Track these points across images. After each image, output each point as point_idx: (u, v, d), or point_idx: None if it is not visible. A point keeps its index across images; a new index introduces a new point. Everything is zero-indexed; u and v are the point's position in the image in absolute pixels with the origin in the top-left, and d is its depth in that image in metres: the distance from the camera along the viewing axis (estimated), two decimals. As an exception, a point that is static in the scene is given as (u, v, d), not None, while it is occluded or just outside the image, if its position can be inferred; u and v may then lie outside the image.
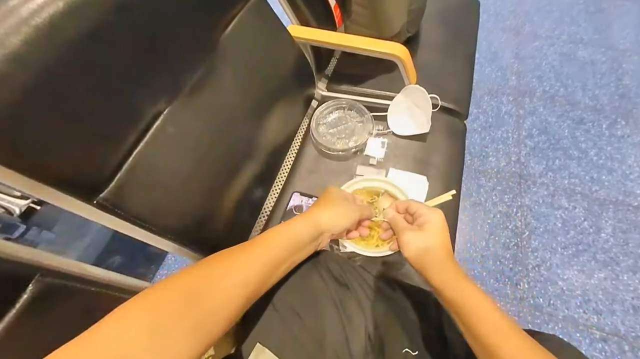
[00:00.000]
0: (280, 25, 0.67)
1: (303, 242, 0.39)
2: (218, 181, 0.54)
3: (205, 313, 0.29)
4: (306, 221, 0.40)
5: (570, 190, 1.16)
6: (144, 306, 0.28)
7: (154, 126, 0.43)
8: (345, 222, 0.44)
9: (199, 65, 0.50)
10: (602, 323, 0.93)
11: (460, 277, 0.36)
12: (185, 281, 0.31)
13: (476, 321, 0.33)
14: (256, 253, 0.35)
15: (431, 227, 0.39)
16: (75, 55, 0.33)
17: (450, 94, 0.83)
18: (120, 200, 0.39)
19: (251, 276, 0.33)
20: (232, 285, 0.32)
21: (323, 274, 0.43)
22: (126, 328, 0.26)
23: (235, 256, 0.34)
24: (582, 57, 1.53)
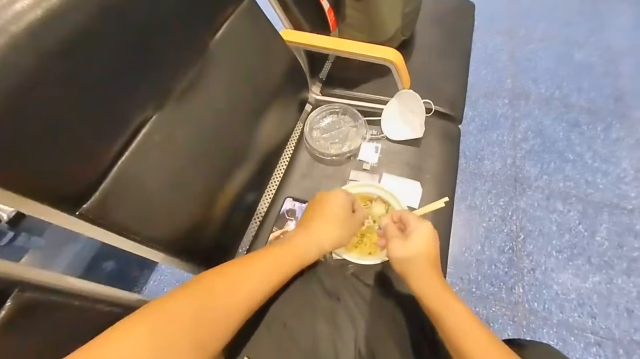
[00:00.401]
0: (273, 30, 0.66)
1: (307, 262, 0.40)
2: (208, 188, 0.53)
3: (210, 329, 0.29)
4: (312, 241, 0.41)
5: (565, 193, 1.16)
6: (148, 320, 0.28)
7: (140, 133, 0.43)
8: (346, 241, 0.45)
9: (188, 71, 0.49)
10: (596, 327, 0.93)
11: (440, 287, 0.37)
12: (191, 298, 0.30)
13: (455, 332, 0.34)
14: (260, 270, 0.35)
15: (417, 237, 0.40)
16: (55, 63, 0.32)
17: (445, 98, 0.82)
18: (105, 211, 0.38)
19: (256, 294, 0.34)
20: (236, 303, 0.32)
21: (314, 287, 0.42)
22: (130, 343, 0.26)
23: (239, 273, 0.34)
24: (577, 59, 1.54)
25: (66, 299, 0.35)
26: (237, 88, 0.58)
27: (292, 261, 0.38)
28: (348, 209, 0.46)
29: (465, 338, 0.33)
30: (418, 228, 0.41)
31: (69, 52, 0.33)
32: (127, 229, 0.41)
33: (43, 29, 0.31)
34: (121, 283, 1.04)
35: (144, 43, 0.42)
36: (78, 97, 0.35)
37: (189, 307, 0.30)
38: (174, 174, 0.46)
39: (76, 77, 0.34)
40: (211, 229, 0.55)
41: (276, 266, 0.37)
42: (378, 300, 0.49)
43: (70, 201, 0.36)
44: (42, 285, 0.33)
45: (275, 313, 0.38)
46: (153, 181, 0.44)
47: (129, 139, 0.41)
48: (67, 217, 0.36)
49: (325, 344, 0.38)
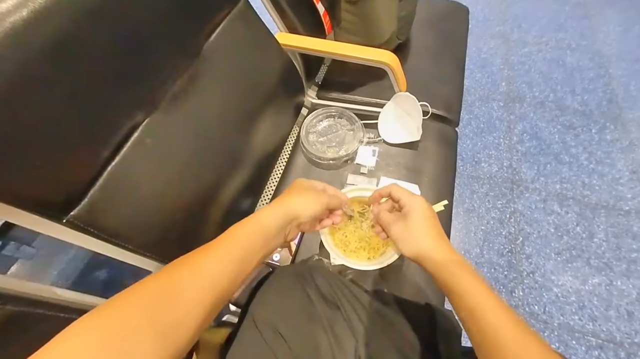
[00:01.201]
0: (267, 33, 0.65)
1: (270, 232, 0.36)
2: (202, 194, 0.52)
3: (171, 321, 0.27)
4: (272, 210, 0.38)
5: (562, 195, 1.16)
6: (101, 319, 0.25)
7: (131, 138, 0.41)
8: (312, 208, 0.41)
9: (180, 75, 0.48)
10: (597, 330, 0.92)
11: (451, 260, 0.37)
12: (148, 289, 0.28)
13: (471, 304, 0.33)
14: (222, 251, 0.32)
15: (415, 213, 0.40)
16: (40, 66, 0.31)
17: (441, 100, 0.82)
18: (94, 218, 0.37)
19: (219, 277, 0.31)
20: (199, 289, 0.29)
21: (311, 293, 0.41)
22: (82, 344, 0.23)
23: (200, 258, 0.31)
24: (570, 63, 1.56)
25: (51, 311, 0.34)
26: (232, 92, 0.57)
27: (252, 236, 0.35)
28: (313, 185, 0.44)
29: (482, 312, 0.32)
30: (413, 204, 0.41)
31: (54, 54, 0.31)
32: (117, 236, 0.39)
33: (28, 30, 0.29)
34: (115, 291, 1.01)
35: (134, 46, 0.41)
36: (64, 102, 0.34)
37: (145, 296, 0.27)
38: (166, 179, 0.45)
39: (62, 80, 0.33)
40: (205, 236, 0.53)
41: (240, 246, 0.34)
42: (378, 307, 0.48)
43: (57, 208, 0.34)
44: (25, 297, 0.32)
45: (270, 322, 0.37)
46: (144, 186, 0.42)
47: (120, 144, 0.40)
48: (53, 225, 0.35)
49: (324, 354, 0.37)
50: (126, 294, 0.28)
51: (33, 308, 0.32)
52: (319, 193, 0.43)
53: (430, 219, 0.40)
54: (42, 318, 0.33)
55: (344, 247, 0.57)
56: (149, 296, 0.27)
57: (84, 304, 0.38)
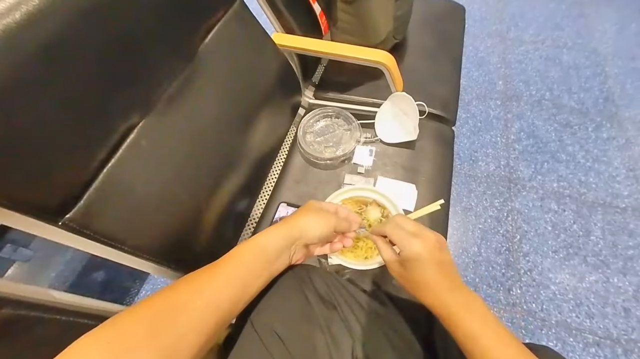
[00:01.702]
0: (264, 33, 0.65)
1: (272, 254, 0.37)
2: (199, 195, 0.52)
3: (172, 340, 0.27)
4: (275, 231, 0.38)
5: (559, 193, 1.17)
6: (106, 336, 0.26)
7: (126, 140, 0.41)
8: (319, 229, 0.41)
9: (176, 76, 0.48)
10: (594, 327, 0.92)
11: (460, 305, 0.34)
12: (151, 307, 0.29)
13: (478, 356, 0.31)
14: (225, 272, 0.33)
15: (410, 264, 0.37)
16: (33, 68, 0.30)
17: (438, 100, 0.82)
18: (90, 220, 0.37)
19: (221, 298, 0.31)
20: (201, 308, 0.30)
21: (308, 295, 0.41)
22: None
23: (203, 277, 0.32)
24: (566, 61, 1.56)
25: (48, 314, 0.34)
26: (228, 93, 0.57)
27: (255, 257, 0.35)
28: (323, 207, 0.43)
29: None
30: (406, 254, 0.37)
31: (47, 57, 0.31)
32: (113, 238, 0.39)
33: (21, 33, 0.29)
34: (113, 294, 1.02)
35: (129, 48, 0.40)
36: (58, 104, 0.33)
37: (147, 316, 0.28)
38: (163, 181, 0.45)
39: (56, 83, 0.33)
40: (202, 237, 0.53)
41: (243, 268, 0.34)
42: (375, 306, 0.48)
43: (52, 210, 0.34)
44: (21, 300, 0.32)
45: (269, 324, 0.37)
46: (140, 188, 0.42)
47: (115, 146, 0.40)
48: (48, 227, 0.35)
49: (321, 355, 0.37)
50: (129, 313, 0.28)
51: (30, 311, 0.32)
52: (328, 215, 0.43)
53: (427, 262, 0.36)
54: (39, 321, 0.33)
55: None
56: (151, 316, 0.28)
57: (81, 306, 0.38)
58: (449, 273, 0.36)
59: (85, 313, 0.38)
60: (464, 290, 0.36)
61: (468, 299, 0.35)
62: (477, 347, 0.31)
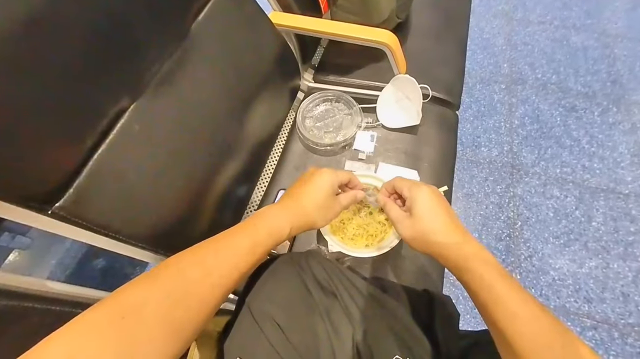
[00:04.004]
0: (260, 12, 0.62)
1: (282, 241, 0.38)
2: (195, 181, 0.50)
3: (182, 320, 0.27)
4: (286, 221, 0.38)
5: (562, 179, 1.15)
6: (114, 309, 0.25)
7: (117, 124, 0.39)
8: (324, 223, 0.43)
9: (167, 57, 0.46)
10: (592, 311, 0.93)
11: (465, 255, 0.34)
12: (162, 283, 0.28)
13: (492, 305, 0.31)
14: (236, 254, 0.33)
15: (419, 210, 0.38)
16: (12, 48, 0.28)
17: (442, 83, 0.79)
18: (81, 209, 0.36)
19: (232, 274, 0.32)
20: (210, 289, 0.30)
21: (308, 283, 0.40)
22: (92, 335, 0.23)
23: (214, 256, 0.32)
24: (574, 43, 1.51)
25: (43, 304, 0.33)
26: (222, 75, 0.55)
27: (266, 241, 0.36)
28: (330, 193, 0.42)
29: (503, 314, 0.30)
30: (415, 198, 0.39)
31: (26, 35, 0.29)
32: (107, 227, 0.38)
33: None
34: (113, 280, 1.02)
35: (116, 26, 0.38)
36: (42, 87, 0.31)
37: (159, 293, 0.27)
38: (157, 166, 0.43)
39: (38, 63, 0.31)
40: (200, 224, 0.52)
41: (251, 246, 0.34)
42: (375, 293, 0.47)
43: (41, 199, 0.33)
44: (13, 291, 0.31)
45: (268, 312, 0.36)
46: (133, 174, 0.41)
47: (105, 130, 0.38)
48: (38, 216, 0.33)
49: (322, 343, 0.36)
50: (137, 285, 0.27)
51: (21, 301, 0.31)
52: (333, 204, 0.43)
53: (437, 209, 0.38)
54: (33, 312, 0.32)
55: (342, 235, 0.56)
56: (162, 292, 0.27)
57: (77, 296, 0.38)
58: (456, 220, 0.38)
59: (81, 303, 0.37)
60: (473, 240, 0.36)
61: (478, 249, 0.35)
62: (492, 295, 0.31)
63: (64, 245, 1.04)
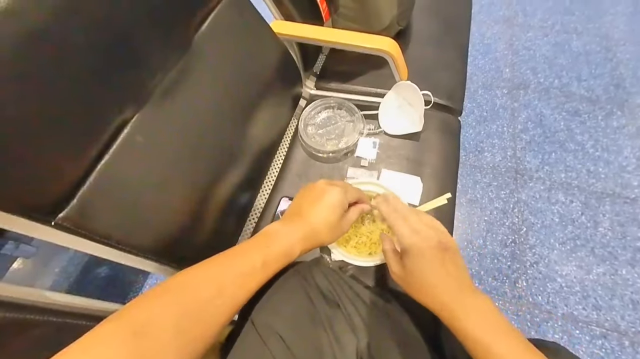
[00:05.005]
0: (262, 21, 0.63)
1: (293, 259, 0.38)
2: (197, 190, 0.50)
3: (195, 332, 0.28)
4: (297, 240, 0.38)
5: (567, 184, 1.14)
6: (130, 323, 0.26)
7: (121, 135, 0.40)
8: (333, 241, 0.44)
9: (170, 67, 0.46)
10: (601, 319, 0.91)
11: (468, 309, 0.32)
12: (174, 300, 0.29)
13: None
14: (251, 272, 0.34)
15: (413, 260, 0.35)
16: (14, 64, 0.29)
17: (444, 89, 0.79)
18: (84, 219, 0.36)
19: (243, 293, 0.33)
20: (222, 308, 0.31)
21: (310, 293, 0.40)
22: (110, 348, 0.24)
23: (225, 273, 0.33)
24: (576, 47, 1.51)
25: (44, 316, 0.33)
26: (225, 84, 0.55)
27: (278, 260, 0.36)
28: (341, 212, 0.42)
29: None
30: (407, 254, 0.35)
31: (28, 52, 0.29)
32: (110, 237, 0.38)
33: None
34: (116, 289, 1.02)
35: (119, 39, 0.38)
36: (45, 100, 0.32)
37: (172, 310, 0.28)
38: (160, 176, 0.43)
39: (40, 78, 0.31)
40: (203, 233, 0.52)
41: (263, 264, 0.34)
42: (379, 303, 0.47)
43: (45, 210, 0.33)
44: (13, 302, 0.31)
45: (270, 323, 0.36)
46: (136, 185, 0.41)
47: (108, 141, 0.38)
48: (41, 227, 0.33)
49: (325, 355, 0.36)
50: (151, 301, 0.29)
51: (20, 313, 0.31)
52: (343, 222, 0.43)
53: (430, 263, 0.34)
54: (33, 324, 0.32)
55: (345, 243, 0.56)
56: (176, 308, 0.28)
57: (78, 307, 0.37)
58: (454, 273, 0.34)
59: (84, 314, 0.37)
60: (471, 292, 0.34)
61: (476, 302, 0.33)
62: (489, 355, 0.29)
63: (67, 253, 1.04)
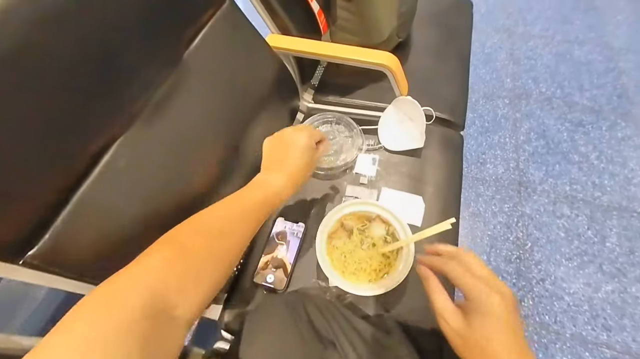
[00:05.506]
0: (257, 36, 0.60)
1: (280, 204, 0.43)
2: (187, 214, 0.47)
3: (225, 247, 0.34)
4: (287, 187, 0.43)
5: (571, 197, 1.11)
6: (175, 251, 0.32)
7: (101, 161, 0.37)
8: (309, 178, 0.49)
9: (159, 85, 0.44)
10: (612, 341, 0.88)
11: None
12: (204, 223, 0.36)
13: None
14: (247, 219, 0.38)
15: (485, 322, 0.29)
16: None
17: (445, 102, 0.77)
18: (57, 256, 0.33)
19: (241, 242, 0.37)
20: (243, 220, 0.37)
21: (303, 331, 0.37)
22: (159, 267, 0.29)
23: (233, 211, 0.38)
24: (577, 57, 1.49)
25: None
26: (218, 102, 0.53)
27: (273, 199, 0.41)
28: (311, 153, 0.46)
29: None
30: (481, 308, 0.29)
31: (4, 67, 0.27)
32: (86, 273, 0.35)
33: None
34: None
35: (104, 55, 0.36)
36: (17, 121, 0.29)
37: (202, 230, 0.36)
38: (144, 205, 0.40)
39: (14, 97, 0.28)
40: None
41: (264, 200, 0.39)
42: (379, 337, 0.43)
43: (11, 249, 0.30)
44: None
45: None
46: (119, 214, 0.38)
47: (87, 168, 0.36)
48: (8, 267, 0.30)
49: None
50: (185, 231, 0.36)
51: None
52: (315, 157, 0.48)
53: (505, 334, 0.29)
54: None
55: (343, 269, 0.53)
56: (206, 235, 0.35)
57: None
58: (521, 339, 0.30)
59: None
60: None
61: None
62: None
63: (40, 290, 0.96)
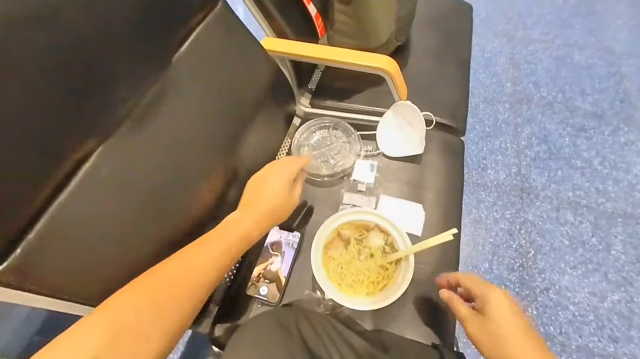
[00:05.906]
0: (251, 39, 0.59)
1: (257, 239, 0.43)
2: (176, 230, 0.45)
3: (174, 310, 0.32)
4: (258, 226, 0.42)
5: (575, 203, 1.09)
6: (107, 322, 0.29)
7: (81, 170, 0.35)
8: (286, 217, 0.47)
9: (145, 90, 0.41)
10: (619, 353, 0.85)
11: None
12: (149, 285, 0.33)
13: None
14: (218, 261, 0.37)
15: (494, 311, 0.35)
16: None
17: (445, 107, 0.75)
18: (28, 273, 0.30)
19: (209, 284, 0.36)
20: (187, 295, 0.34)
21: (293, 348, 0.34)
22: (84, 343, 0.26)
23: (193, 258, 0.37)
24: (578, 61, 1.48)
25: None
26: (210, 107, 0.51)
27: (237, 245, 0.40)
28: (286, 190, 0.46)
29: None
30: (488, 298, 0.36)
31: None
32: (62, 291, 0.33)
33: None
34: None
35: (84, 58, 0.34)
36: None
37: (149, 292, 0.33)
38: (127, 218, 0.38)
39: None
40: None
41: (222, 253, 0.38)
42: (376, 354, 0.41)
43: (-23, 265, 0.28)
44: None
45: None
46: (99, 227, 0.35)
47: (65, 178, 0.33)
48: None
49: None
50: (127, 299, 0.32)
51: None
52: (290, 198, 0.46)
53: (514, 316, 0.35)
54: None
55: (339, 281, 0.50)
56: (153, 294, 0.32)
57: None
58: (534, 330, 0.35)
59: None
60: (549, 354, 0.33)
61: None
62: None
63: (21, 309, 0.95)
